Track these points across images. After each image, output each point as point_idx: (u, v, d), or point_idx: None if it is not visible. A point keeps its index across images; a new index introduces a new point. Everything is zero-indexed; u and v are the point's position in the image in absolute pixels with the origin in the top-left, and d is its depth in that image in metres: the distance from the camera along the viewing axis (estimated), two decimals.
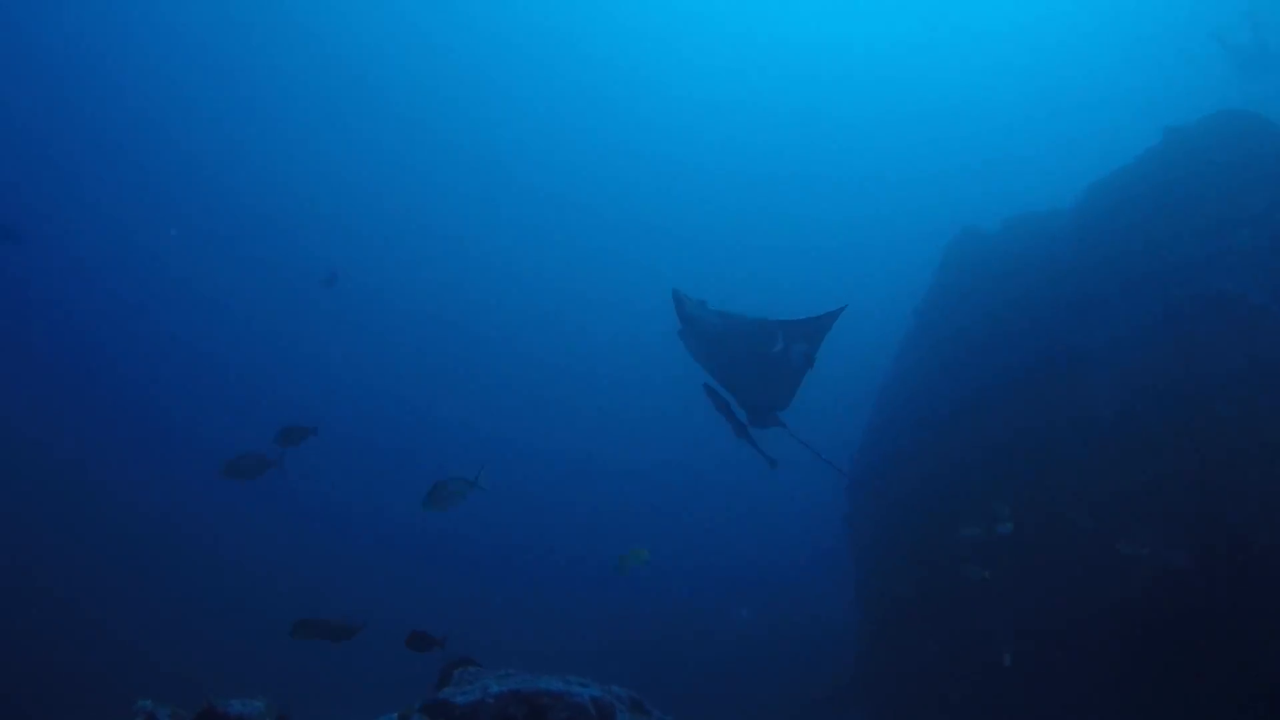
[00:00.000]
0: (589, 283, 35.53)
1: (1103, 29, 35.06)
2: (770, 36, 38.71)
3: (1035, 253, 9.72)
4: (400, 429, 27.21)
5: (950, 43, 37.24)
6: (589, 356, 31.83)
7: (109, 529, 18.38)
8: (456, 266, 35.38)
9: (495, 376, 30.65)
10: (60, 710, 10.97)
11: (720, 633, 15.70)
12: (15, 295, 25.55)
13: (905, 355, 10.89)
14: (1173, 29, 32.78)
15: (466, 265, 35.63)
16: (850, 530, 10.73)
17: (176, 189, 31.97)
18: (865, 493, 10.28)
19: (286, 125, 35.23)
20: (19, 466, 19.26)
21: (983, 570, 7.89)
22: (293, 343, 30.06)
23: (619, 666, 8.07)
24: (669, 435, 24.19)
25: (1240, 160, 8.96)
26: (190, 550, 18.44)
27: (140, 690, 3.74)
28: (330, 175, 35.52)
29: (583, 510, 23.77)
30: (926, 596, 8.56)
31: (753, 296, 7.22)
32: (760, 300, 7.29)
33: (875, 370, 11.20)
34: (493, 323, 33.20)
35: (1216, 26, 22.13)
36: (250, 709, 3.59)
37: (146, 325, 28.72)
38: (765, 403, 7.21)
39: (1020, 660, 7.53)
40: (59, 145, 30.15)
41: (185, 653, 13.63)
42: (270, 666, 10.93)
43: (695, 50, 39.80)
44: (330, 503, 21.95)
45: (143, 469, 21.96)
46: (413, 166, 37.57)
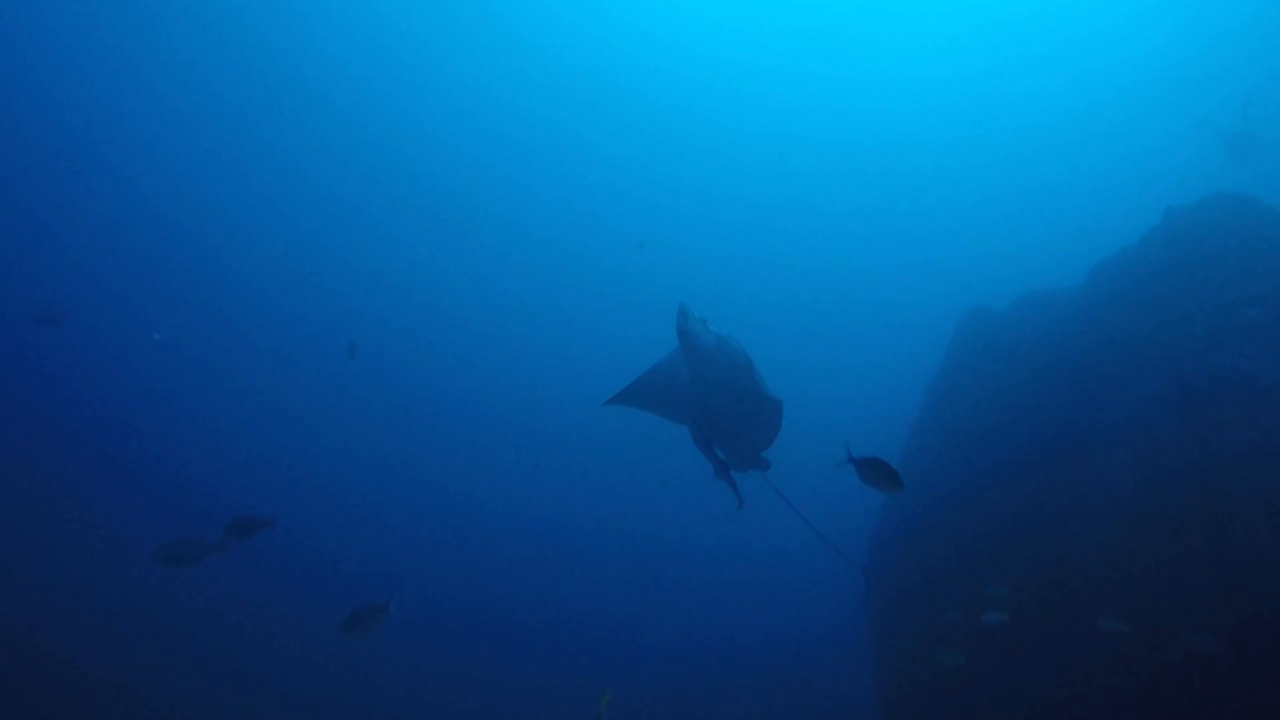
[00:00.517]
0: (600, 356, 35.18)
1: (1099, 116, 36.15)
2: (783, 126, 39.48)
3: (1044, 331, 9.80)
4: (415, 510, 26.76)
5: (954, 130, 38.28)
6: (590, 429, 31.40)
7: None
8: (446, 336, 35.00)
9: (504, 452, 30.25)
10: None
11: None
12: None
13: (917, 434, 10.88)
14: (1165, 115, 33.87)
15: (457, 335, 35.25)
16: (866, 612, 10.55)
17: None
18: (879, 574, 10.14)
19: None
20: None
21: (958, 655, 7.73)
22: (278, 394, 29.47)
23: None
24: (681, 513, 23.96)
25: (1241, 240, 9.11)
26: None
27: None
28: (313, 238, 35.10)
29: (585, 585, 23.47)
30: (941, 681, 8.35)
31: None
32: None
33: (889, 449, 11.17)
34: (494, 393, 32.82)
35: (1207, 114, 23.16)
36: None
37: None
38: (746, 435, 7.24)
39: None
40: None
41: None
42: None
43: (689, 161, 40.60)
44: (334, 573, 21.65)
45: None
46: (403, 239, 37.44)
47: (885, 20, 36.27)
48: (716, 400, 6.90)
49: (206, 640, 17.40)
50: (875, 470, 5.27)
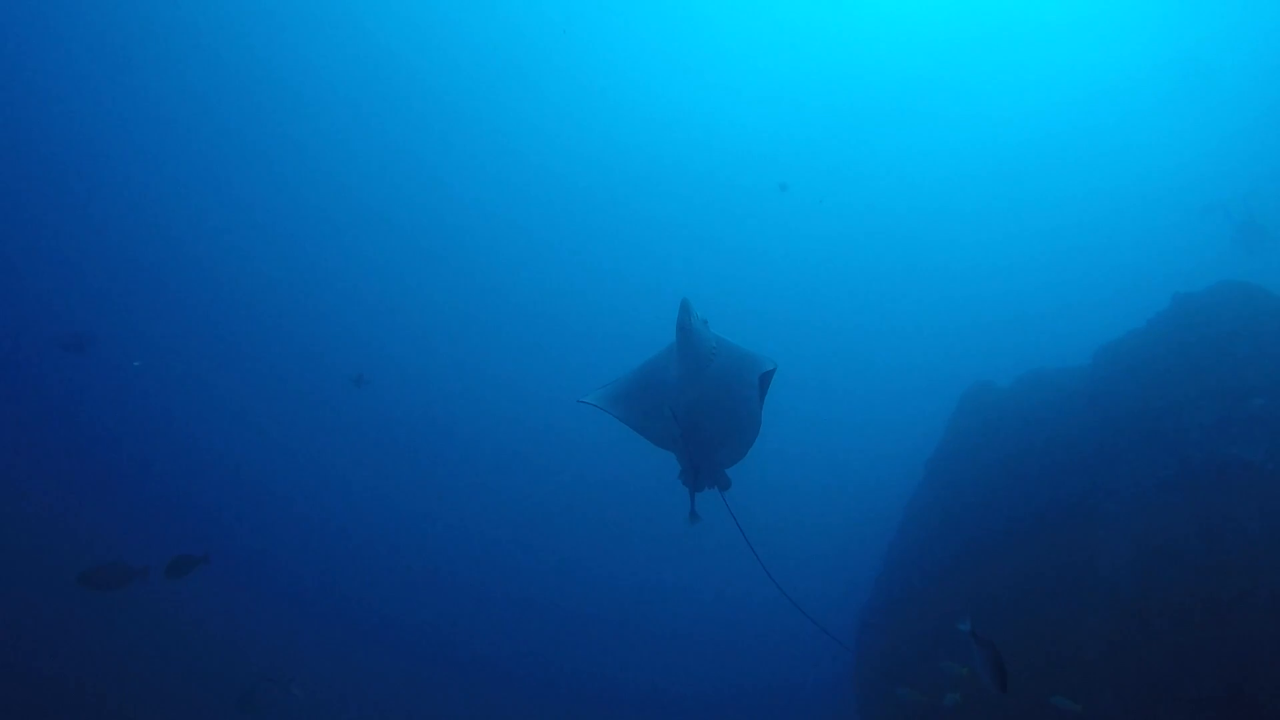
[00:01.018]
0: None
1: (1104, 202, 36.66)
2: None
3: (1049, 407, 9.75)
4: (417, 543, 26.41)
5: (966, 203, 38.75)
6: (585, 472, 30.95)
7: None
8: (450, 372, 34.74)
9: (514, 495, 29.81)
10: None
11: None
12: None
13: (916, 503, 10.77)
14: (1168, 201, 34.33)
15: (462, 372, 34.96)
16: (857, 672, 10.35)
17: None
18: (871, 637, 9.96)
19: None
20: None
21: None
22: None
23: None
24: (674, 562, 23.71)
25: (1248, 328, 9.10)
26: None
27: None
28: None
29: (565, 630, 23.19)
30: None
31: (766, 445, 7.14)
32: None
33: (888, 520, 11.06)
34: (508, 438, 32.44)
35: (1215, 200, 23.63)
36: None
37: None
38: (724, 441, 7.03)
39: None
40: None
41: None
42: None
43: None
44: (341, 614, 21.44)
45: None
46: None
47: (902, 98, 37.04)
48: (705, 402, 6.77)
49: (185, 658, 17.12)
50: (989, 653, 5.30)
